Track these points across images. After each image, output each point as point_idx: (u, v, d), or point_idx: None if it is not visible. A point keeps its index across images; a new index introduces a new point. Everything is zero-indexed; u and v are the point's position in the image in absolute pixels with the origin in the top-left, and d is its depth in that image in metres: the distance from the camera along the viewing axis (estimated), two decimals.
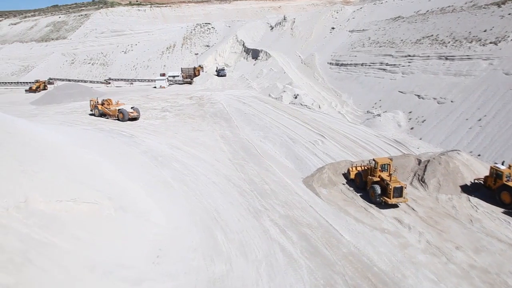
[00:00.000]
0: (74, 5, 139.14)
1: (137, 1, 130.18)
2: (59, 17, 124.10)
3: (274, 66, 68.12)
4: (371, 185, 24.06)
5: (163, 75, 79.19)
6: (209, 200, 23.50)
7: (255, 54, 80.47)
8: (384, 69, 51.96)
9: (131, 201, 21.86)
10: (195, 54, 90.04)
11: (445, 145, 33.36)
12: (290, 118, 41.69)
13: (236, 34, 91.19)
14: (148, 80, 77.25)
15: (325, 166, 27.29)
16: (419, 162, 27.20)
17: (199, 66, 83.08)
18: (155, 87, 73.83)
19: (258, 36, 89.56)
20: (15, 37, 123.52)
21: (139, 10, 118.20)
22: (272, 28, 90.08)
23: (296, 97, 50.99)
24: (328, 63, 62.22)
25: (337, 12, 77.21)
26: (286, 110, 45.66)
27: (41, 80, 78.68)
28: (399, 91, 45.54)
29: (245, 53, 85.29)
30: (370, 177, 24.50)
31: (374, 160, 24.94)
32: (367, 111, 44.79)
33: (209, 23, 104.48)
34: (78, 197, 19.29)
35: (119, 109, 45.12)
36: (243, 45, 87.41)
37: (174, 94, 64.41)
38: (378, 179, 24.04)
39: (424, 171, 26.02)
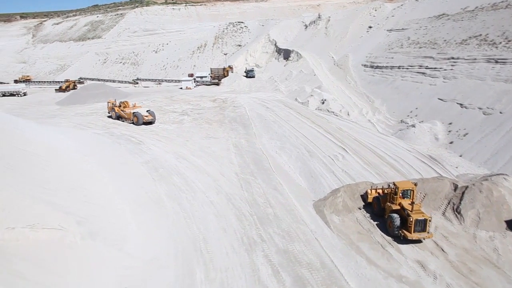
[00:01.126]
0: (113, 5, 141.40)
1: (172, 0, 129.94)
2: (97, 17, 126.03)
3: (305, 67, 64.12)
4: (389, 214, 20.12)
5: (191, 75, 77.30)
6: (199, 226, 20.44)
7: (286, 54, 76.71)
8: (423, 73, 46.74)
9: (107, 224, 19.15)
10: (224, 54, 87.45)
11: (490, 165, 28.30)
12: (312, 126, 37.88)
13: (269, 34, 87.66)
14: (175, 81, 75.61)
15: (340, 189, 23.44)
16: (455, 187, 22.73)
17: (229, 66, 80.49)
18: (181, 88, 71.98)
19: (291, 36, 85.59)
20: (56, 36, 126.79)
21: (173, 9, 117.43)
22: (307, 27, 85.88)
23: (323, 103, 46.93)
24: (362, 65, 57.48)
25: (376, 10, 71.89)
26: (310, 117, 41.82)
27: (70, 80, 79.06)
28: (438, 99, 40.38)
29: (276, 53, 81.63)
30: (389, 204, 20.51)
31: (394, 184, 20.86)
32: (401, 121, 40.01)
33: (242, 22, 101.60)
34: (39, 221, 16.72)
35: (133, 113, 43.24)
36: (275, 45, 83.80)
37: (199, 96, 62.16)
38: (398, 207, 20.06)
39: (461, 199, 21.58)
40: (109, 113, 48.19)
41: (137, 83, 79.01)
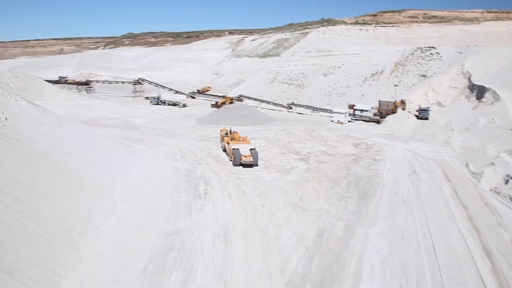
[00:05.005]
0: (305, 23, 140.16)
1: (363, 20, 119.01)
2: (285, 35, 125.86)
3: (500, 115, 44.66)
4: None
5: (352, 107, 65.60)
6: None
7: (480, 93, 56.65)
8: None
9: None
10: (395, 85, 71.79)
11: None
12: (463, 229, 22.52)
13: (463, 64, 67.61)
14: (330, 111, 65.37)
15: None
16: None
17: (401, 101, 65.26)
18: (332, 121, 61.53)
19: (495, 68, 63.71)
20: (248, 52, 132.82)
21: (360, 29, 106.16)
22: None
23: (507, 182, 29.38)
24: None
25: None
26: (471, 206, 25.95)
27: (228, 96, 78.19)
28: None
29: (468, 90, 61.60)
30: None
31: None
32: None
33: (433, 47, 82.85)
34: None
35: (233, 149, 35.80)
36: (468, 79, 63.68)
37: (345, 134, 50.68)
38: None
39: None
40: (220, 142, 42.39)
41: (291, 107, 72.26)
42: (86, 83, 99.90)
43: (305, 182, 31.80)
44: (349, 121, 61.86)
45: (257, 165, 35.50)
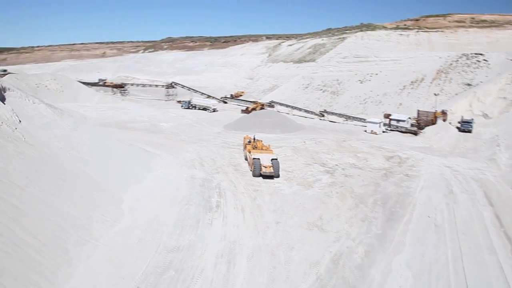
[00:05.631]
0: (343, 28, 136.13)
1: (404, 25, 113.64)
2: (322, 40, 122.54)
3: None
4: None
5: (387, 116, 61.89)
6: None
7: None
8: None
9: None
10: (435, 94, 67.01)
11: None
12: (504, 267, 19.43)
13: None
14: (364, 121, 61.95)
15: None
16: None
17: (442, 111, 60.79)
18: (365, 131, 58.22)
19: None
20: (284, 57, 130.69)
21: (401, 34, 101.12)
22: None
23: None
24: None
25: None
26: None
27: (259, 102, 76.42)
28: None
29: None
30: None
31: None
32: None
33: (480, 54, 77.03)
34: None
35: (254, 158, 33.89)
36: None
37: (377, 146, 47.49)
38: None
39: None
40: (243, 150, 40.66)
41: (323, 115, 69.38)
42: (121, 86, 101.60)
43: (327, 197, 29.42)
44: (383, 132, 58.26)
45: (278, 176, 33.47)
